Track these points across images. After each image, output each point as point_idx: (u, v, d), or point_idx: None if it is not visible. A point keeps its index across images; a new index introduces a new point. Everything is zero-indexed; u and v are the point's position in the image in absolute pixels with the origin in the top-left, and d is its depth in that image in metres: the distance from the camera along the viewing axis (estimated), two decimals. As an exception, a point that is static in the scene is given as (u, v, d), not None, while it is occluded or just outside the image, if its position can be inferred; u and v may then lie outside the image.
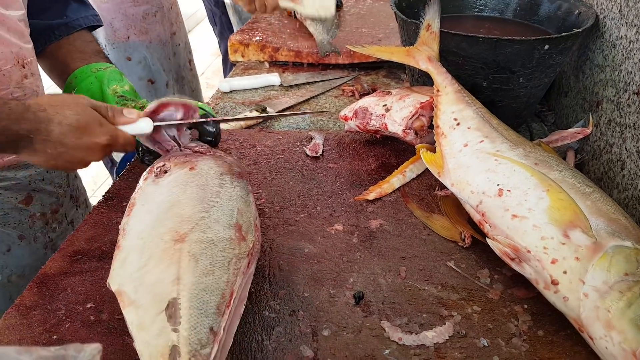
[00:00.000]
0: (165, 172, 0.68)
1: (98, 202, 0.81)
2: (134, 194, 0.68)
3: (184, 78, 1.73)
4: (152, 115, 0.75)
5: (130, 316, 0.52)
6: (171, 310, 0.50)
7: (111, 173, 1.87)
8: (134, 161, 0.93)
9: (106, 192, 0.83)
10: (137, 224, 0.62)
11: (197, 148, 0.76)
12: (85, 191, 1.10)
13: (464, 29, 0.89)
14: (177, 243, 0.56)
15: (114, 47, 1.52)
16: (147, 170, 0.71)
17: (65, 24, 0.92)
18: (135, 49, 1.54)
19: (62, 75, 0.91)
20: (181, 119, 0.78)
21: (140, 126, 0.73)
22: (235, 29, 2.34)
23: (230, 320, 0.53)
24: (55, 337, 0.58)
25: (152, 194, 0.66)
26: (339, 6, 1.61)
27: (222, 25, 2.49)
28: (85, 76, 0.87)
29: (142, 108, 0.80)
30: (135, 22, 1.52)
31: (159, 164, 0.71)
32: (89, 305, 0.62)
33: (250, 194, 0.68)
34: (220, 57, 2.88)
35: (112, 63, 0.93)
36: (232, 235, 0.59)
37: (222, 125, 1.07)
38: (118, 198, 0.82)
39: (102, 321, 0.60)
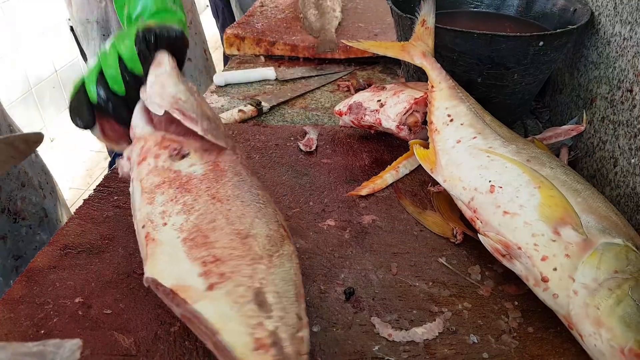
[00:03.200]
0: (183, 156, 0.63)
1: (89, 196, 0.80)
2: (141, 168, 0.62)
3: (204, 67, 1.70)
4: None
5: (207, 310, 0.49)
6: (259, 299, 0.50)
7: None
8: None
9: (97, 186, 0.83)
10: (176, 216, 0.57)
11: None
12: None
13: (460, 25, 0.89)
14: (242, 238, 0.55)
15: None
16: (155, 142, 0.64)
17: None
18: None
19: None
20: None
21: None
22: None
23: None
24: (42, 331, 0.58)
25: (180, 184, 0.60)
26: None
27: (224, 19, 2.48)
28: None
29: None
30: None
31: (171, 144, 0.64)
32: (77, 300, 0.62)
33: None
34: (219, 50, 2.87)
35: None
36: (283, 233, 0.59)
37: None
38: (109, 191, 0.81)
39: (90, 316, 0.60)
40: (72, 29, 1.62)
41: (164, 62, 0.69)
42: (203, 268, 0.52)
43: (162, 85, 0.67)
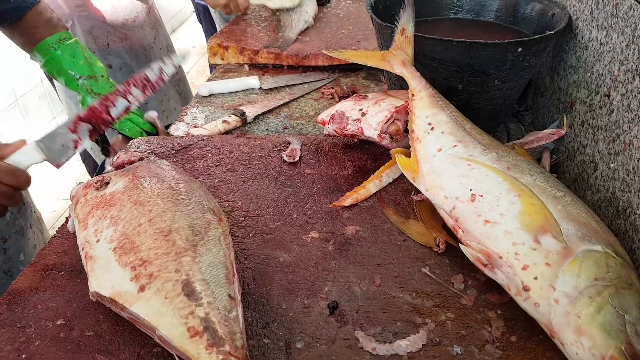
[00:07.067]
0: (107, 183, 0.71)
1: (70, 214, 0.79)
2: (76, 209, 0.69)
3: (170, 81, 1.71)
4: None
5: (142, 309, 0.54)
6: (188, 290, 0.54)
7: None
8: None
9: (80, 203, 0.82)
10: (106, 230, 0.63)
11: (125, 159, 0.80)
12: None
13: (440, 32, 0.89)
14: (164, 235, 0.60)
15: (94, 55, 1.50)
16: (82, 186, 0.72)
17: (15, 8, 1.02)
18: (115, 56, 1.53)
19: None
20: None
21: (24, 157, 0.74)
22: (217, 27, 2.33)
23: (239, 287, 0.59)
24: (24, 355, 0.57)
25: (106, 203, 0.67)
26: (325, 3, 1.61)
27: (206, 24, 2.48)
28: (44, 54, 1.05)
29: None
30: (114, 28, 1.50)
31: (94, 179, 0.73)
32: (59, 322, 0.61)
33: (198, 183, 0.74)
34: (206, 56, 2.85)
35: (65, 28, 1.09)
36: (211, 218, 0.65)
37: (200, 130, 1.06)
38: (92, 209, 0.81)
39: (72, 338, 0.59)
40: None
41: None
42: (133, 272, 0.57)
43: None
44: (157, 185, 0.69)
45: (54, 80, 1.60)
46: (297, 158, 0.92)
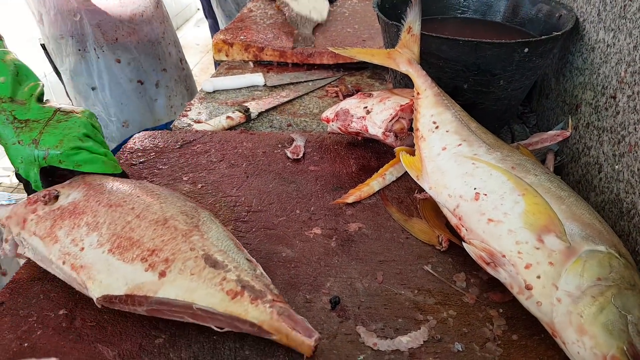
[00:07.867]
0: (57, 197, 0.67)
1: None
2: (27, 228, 0.65)
3: (179, 77, 1.72)
4: None
5: (171, 292, 0.55)
6: (210, 262, 0.57)
7: None
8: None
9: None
10: (88, 237, 0.61)
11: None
12: None
13: (447, 31, 0.89)
14: (162, 224, 0.61)
15: (103, 49, 1.51)
16: (23, 204, 0.67)
17: None
18: (124, 51, 1.53)
19: None
20: None
21: None
22: (220, 24, 2.34)
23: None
24: (26, 344, 0.58)
25: (70, 212, 0.64)
26: (333, 1, 1.61)
27: (212, 20, 2.49)
28: None
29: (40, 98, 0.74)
30: (122, 23, 1.51)
31: (39, 194, 0.67)
32: (61, 312, 0.61)
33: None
34: (209, 54, 2.87)
35: None
36: (192, 204, 0.68)
37: (204, 126, 1.07)
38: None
39: (74, 328, 0.59)
40: (43, 47, 1.60)
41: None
42: (145, 263, 0.57)
43: None
44: (122, 187, 0.68)
45: (61, 75, 1.60)
46: (301, 155, 0.92)
